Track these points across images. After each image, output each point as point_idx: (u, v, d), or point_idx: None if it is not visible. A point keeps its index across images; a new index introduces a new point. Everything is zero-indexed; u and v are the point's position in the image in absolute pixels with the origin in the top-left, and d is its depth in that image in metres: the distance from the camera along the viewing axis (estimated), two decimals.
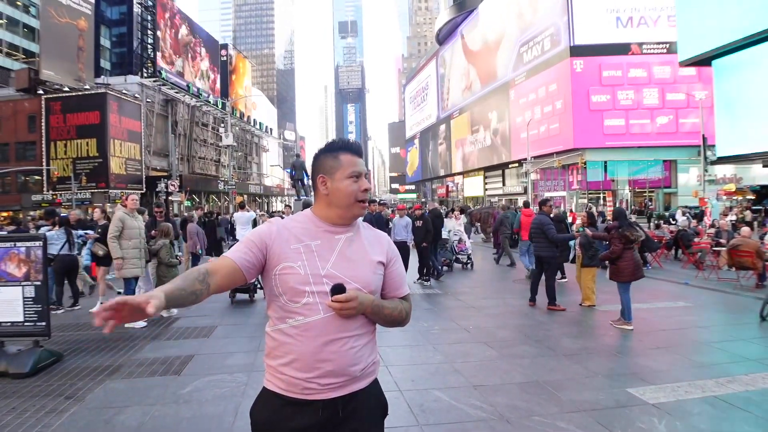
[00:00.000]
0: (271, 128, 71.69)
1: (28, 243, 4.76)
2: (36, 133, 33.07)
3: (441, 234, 10.52)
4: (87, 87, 33.81)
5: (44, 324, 4.64)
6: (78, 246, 7.81)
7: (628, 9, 30.78)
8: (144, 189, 34.44)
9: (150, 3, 39.69)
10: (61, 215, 7.79)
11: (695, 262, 10.99)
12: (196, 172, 43.81)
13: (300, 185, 15.99)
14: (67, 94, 32.88)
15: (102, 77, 38.23)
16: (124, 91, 34.68)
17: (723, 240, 10.54)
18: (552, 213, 7.43)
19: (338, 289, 1.39)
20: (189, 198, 38.07)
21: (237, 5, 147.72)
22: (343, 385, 1.43)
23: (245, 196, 46.98)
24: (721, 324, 6.35)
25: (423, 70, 70.67)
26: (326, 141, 1.66)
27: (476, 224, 20.84)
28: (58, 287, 7.29)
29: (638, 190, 32.32)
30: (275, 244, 1.44)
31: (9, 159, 33.69)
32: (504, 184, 43.95)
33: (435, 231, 9.77)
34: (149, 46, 39.44)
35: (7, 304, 4.63)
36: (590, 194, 32.73)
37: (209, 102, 46.74)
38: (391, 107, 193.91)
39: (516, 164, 38.67)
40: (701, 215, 18.78)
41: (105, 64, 49.24)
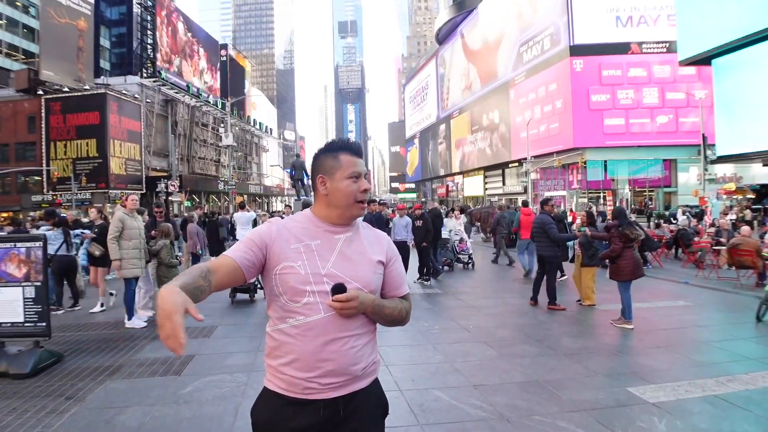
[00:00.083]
0: (271, 128, 71.72)
1: (28, 243, 4.76)
2: (36, 134, 33.09)
3: (441, 234, 10.52)
4: (87, 87, 33.82)
5: (44, 324, 4.64)
6: (75, 246, 7.80)
7: (628, 8, 30.79)
8: (144, 189, 34.45)
9: (149, 3, 39.69)
10: (60, 215, 7.79)
11: (695, 262, 10.99)
12: (196, 173, 43.82)
13: (300, 185, 15.99)
14: (67, 95, 32.89)
15: (102, 77, 38.21)
16: (124, 92, 34.68)
17: (723, 239, 10.54)
18: (553, 212, 7.43)
19: (339, 289, 1.39)
20: (189, 198, 38.08)
21: (236, 5, 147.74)
22: (344, 385, 1.43)
23: (245, 196, 46.99)
24: (721, 323, 6.35)
25: (423, 70, 70.69)
26: (326, 141, 1.65)
27: (476, 224, 20.83)
28: (58, 288, 7.30)
29: (638, 190, 32.32)
30: (275, 244, 1.44)
31: (9, 159, 33.71)
32: (504, 184, 43.95)
33: (435, 231, 9.78)
34: (149, 47, 39.45)
35: (8, 305, 4.64)
36: (590, 194, 32.74)
37: (209, 102, 46.75)
38: (391, 107, 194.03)
39: (516, 164, 38.69)
40: (701, 214, 18.76)
41: (105, 65, 49.24)
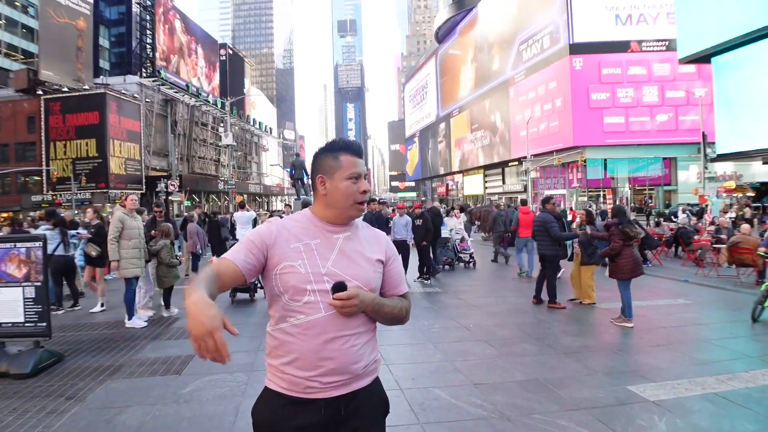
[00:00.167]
0: (271, 127, 71.71)
1: (28, 244, 4.76)
2: (35, 134, 33.07)
3: (441, 232, 10.53)
4: (86, 87, 33.81)
5: (45, 324, 4.65)
6: (74, 246, 7.77)
7: (628, 6, 30.77)
8: (144, 189, 34.45)
9: (148, 2, 39.64)
10: (60, 215, 7.76)
11: (695, 260, 10.98)
12: (196, 172, 43.82)
13: (300, 184, 15.98)
14: (67, 95, 32.88)
15: (101, 77, 38.17)
16: (123, 91, 34.67)
17: (723, 235, 10.54)
18: (555, 211, 7.42)
19: (339, 287, 1.39)
20: (189, 198, 38.07)
21: (236, 5, 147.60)
22: (345, 384, 1.43)
23: (245, 196, 46.98)
24: (721, 321, 6.35)
25: (422, 69, 70.65)
26: (326, 140, 1.66)
27: (476, 223, 20.83)
28: (58, 288, 7.29)
29: (638, 188, 32.31)
30: (276, 245, 1.44)
31: (9, 160, 33.70)
32: (504, 183, 43.95)
33: (434, 229, 9.78)
34: (148, 46, 39.40)
35: (8, 305, 4.64)
36: (590, 192, 32.74)
37: (208, 101, 46.72)
38: (391, 106, 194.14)
39: (516, 162, 38.69)
40: (701, 213, 18.75)
41: (104, 65, 49.16)
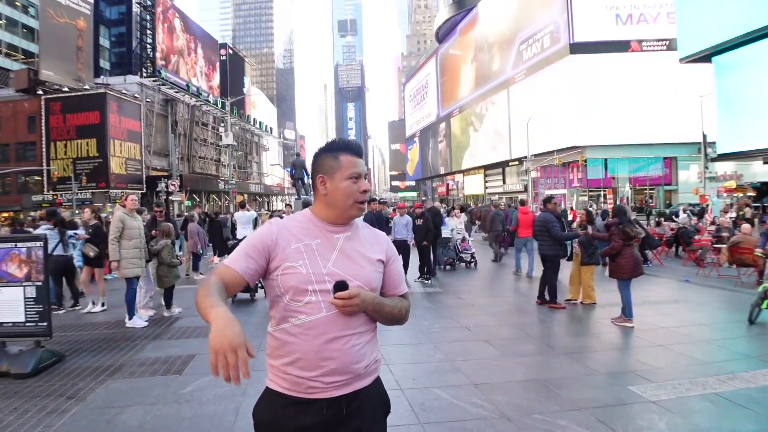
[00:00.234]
0: (271, 127, 71.71)
1: (29, 243, 4.76)
2: (36, 134, 33.09)
3: (441, 232, 10.53)
4: (86, 87, 33.82)
5: (45, 324, 4.65)
6: (72, 246, 7.71)
7: (628, 6, 30.75)
8: (144, 189, 34.46)
9: (149, 2, 39.64)
10: (60, 215, 7.73)
11: (696, 260, 10.98)
12: (197, 172, 43.83)
13: (300, 184, 15.98)
14: (67, 95, 32.88)
15: (101, 77, 38.21)
16: (124, 91, 34.68)
17: (724, 234, 10.54)
18: (557, 210, 7.40)
19: (341, 286, 1.40)
20: (189, 198, 38.09)
21: (236, 4, 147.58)
22: (347, 383, 1.43)
23: (245, 196, 47.00)
24: (722, 321, 6.34)
25: (422, 69, 70.64)
26: (326, 140, 1.66)
27: (476, 222, 20.82)
28: (58, 288, 7.28)
29: (639, 188, 32.29)
30: (276, 246, 1.44)
31: (9, 159, 33.72)
32: (504, 182, 43.94)
33: (435, 229, 9.78)
34: (148, 46, 39.40)
35: (9, 305, 4.64)
36: (591, 192, 32.73)
37: (209, 101, 46.73)
38: (391, 106, 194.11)
39: (516, 162, 38.68)
40: (702, 212, 18.74)
41: (104, 64, 49.19)
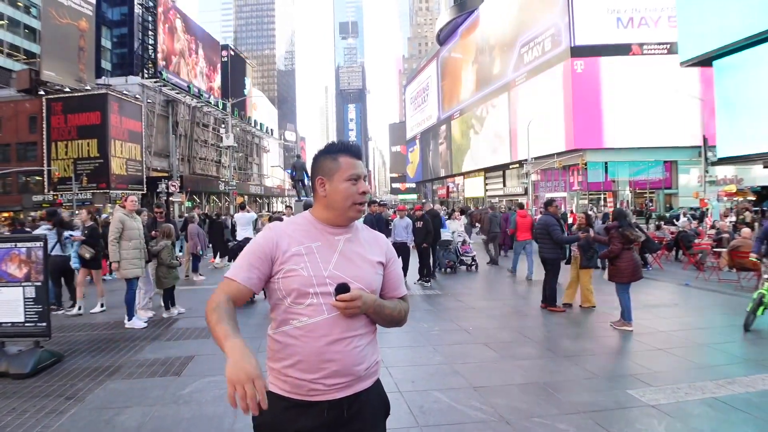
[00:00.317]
0: (272, 129, 71.76)
1: (29, 243, 4.77)
2: (37, 134, 33.13)
3: (440, 234, 10.54)
4: (88, 88, 33.86)
5: (45, 324, 4.65)
6: (69, 247, 7.66)
7: (629, 9, 30.77)
8: (145, 190, 34.47)
9: (150, 3, 39.73)
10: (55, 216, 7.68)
11: (696, 263, 10.98)
12: (197, 173, 43.85)
13: (300, 186, 16.01)
14: (68, 95, 32.94)
15: (103, 78, 38.28)
16: (125, 92, 34.73)
17: (725, 235, 10.55)
18: (558, 214, 7.40)
19: (342, 289, 1.40)
20: (190, 199, 38.11)
21: (238, 6, 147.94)
22: (349, 385, 1.43)
23: (246, 197, 47.01)
24: (722, 325, 6.33)
25: (423, 71, 70.70)
26: (327, 142, 1.66)
27: (476, 225, 20.84)
28: (56, 288, 7.27)
29: (639, 191, 32.29)
30: (278, 251, 1.44)
31: (10, 159, 33.75)
32: (505, 185, 43.93)
33: (434, 231, 9.78)
34: (150, 47, 39.47)
35: (8, 305, 4.65)
36: (591, 195, 32.71)
37: (210, 103, 46.80)
38: (392, 108, 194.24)
39: (517, 165, 38.66)
40: (702, 216, 18.72)
41: (106, 65, 49.33)
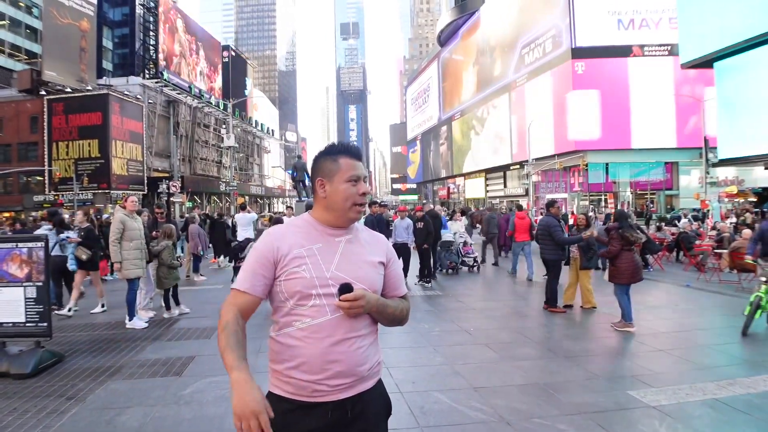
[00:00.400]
0: (273, 129, 71.82)
1: (30, 244, 4.77)
2: (38, 134, 33.20)
3: (440, 235, 10.55)
4: (89, 88, 33.93)
5: (46, 325, 4.65)
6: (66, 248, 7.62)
7: (630, 11, 30.77)
8: (146, 190, 34.52)
9: (152, 4, 39.80)
10: (56, 216, 7.67)
11: (697, 265, 10.97)
12: (198, 173, 43.89)
13: (301, 186, 16.00)
14: (70, 95, 33.01)
15: (104, 78, 38.36)
16: (126, 92, 34.78)
17: (725, 235, 10.54)
18: (560, 215, 7.40)
19: (346, 289, 1.41)
20: (190, 199, 38.14)
21: (239, 7, 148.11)
22: (352, 386, 1.44)
23: (246, 198, 47.04)
24: (723, 326, 6.32)
25: (424, 72, 70.70)
26: (328, 142, 1.66)
27: (477, 226, 20.86)
28: (57, 288, 7.26)
29: (640, 192, 32.26)
30: (279, 255, 1.44)
31: (11, 160, 33.84)
32: (505, 186, 43.91)
33: (435, 232, 9.79)
34: (151, 48, 39.53)
35: (9, 305, 4.65)
36: (592, 196, 32.69)
37: (211, 103, 46.85)
38: (393, 109, 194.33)
39: (517, 166, 38.65)
40: (703, 217, 18.70)
41: (107, 65, 49.42)
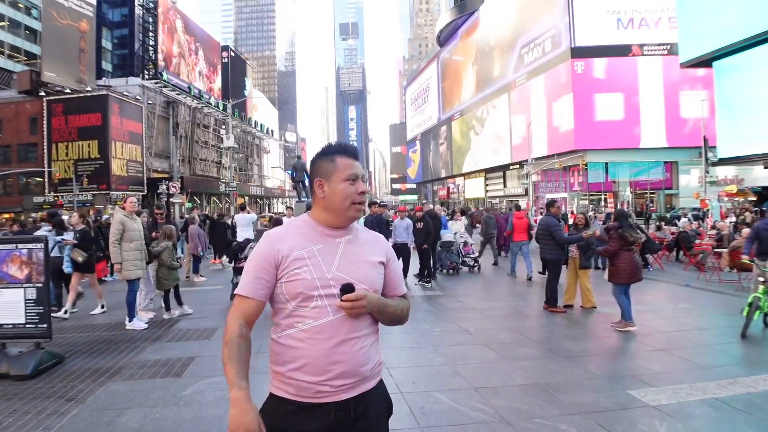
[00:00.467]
0: (272, 130, 71.80)
1: (30, 245, 4.77)
2: (37, 135, 33.21)
3: (440, 235, 10.55)
4: (88, 89, 33.94)
5: (45, 326, 4.65)
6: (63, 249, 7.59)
7: (629, 10, 30.81)
8: (145, 191, 34.52)
9: (151, 5, 39.79)
10: (56, 217, 7.65)
11: (696, 264, 10.97)
12: (198, 174, 43.87)
13: (301, 187, 15.99)
14: (69, 96, 33.01)
15: (103, 79, 38.33)
16: (126, 93, 34.78)
17: (725, 233, 10.54)
18: (560, 215, 7.40)
19: (348, 289, 1.41)
20: (190, 200, 38.13)
21: (238, 7, 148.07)
22: (354, 386, 1.44)
23: (246, 198, 47.03)
24: (723, 326, 6.32)
25: (424, 72, 70.75)
26: (327, 143, 1.66)
27: (477, 226, 20.86)
28: (57, 289, 7.26)
29: (639, 192, 32.29)
30: (279, 257, 1.44)
31: (11, 161, 33.81)
32: (505, 186, 43.95)
33: (434, 232, 9.79)
34: (150, 48, 39.52)
35: (9, 306, 4.64)
36: (591, 195, 32.71)
37: (210, 104, 46.84)
38: (392, 109, 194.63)
39: (517, 166, 38.67)
40: (703, 216, 18.71)
41: (106, 66, 49.35)
